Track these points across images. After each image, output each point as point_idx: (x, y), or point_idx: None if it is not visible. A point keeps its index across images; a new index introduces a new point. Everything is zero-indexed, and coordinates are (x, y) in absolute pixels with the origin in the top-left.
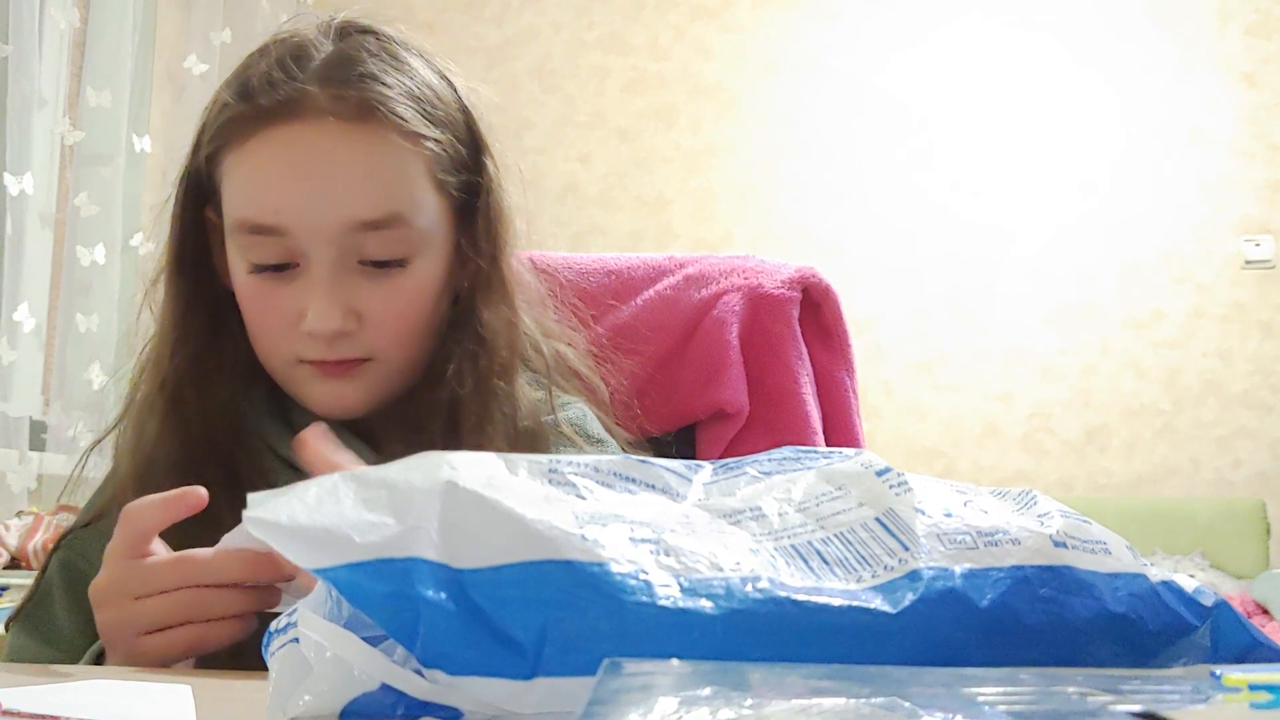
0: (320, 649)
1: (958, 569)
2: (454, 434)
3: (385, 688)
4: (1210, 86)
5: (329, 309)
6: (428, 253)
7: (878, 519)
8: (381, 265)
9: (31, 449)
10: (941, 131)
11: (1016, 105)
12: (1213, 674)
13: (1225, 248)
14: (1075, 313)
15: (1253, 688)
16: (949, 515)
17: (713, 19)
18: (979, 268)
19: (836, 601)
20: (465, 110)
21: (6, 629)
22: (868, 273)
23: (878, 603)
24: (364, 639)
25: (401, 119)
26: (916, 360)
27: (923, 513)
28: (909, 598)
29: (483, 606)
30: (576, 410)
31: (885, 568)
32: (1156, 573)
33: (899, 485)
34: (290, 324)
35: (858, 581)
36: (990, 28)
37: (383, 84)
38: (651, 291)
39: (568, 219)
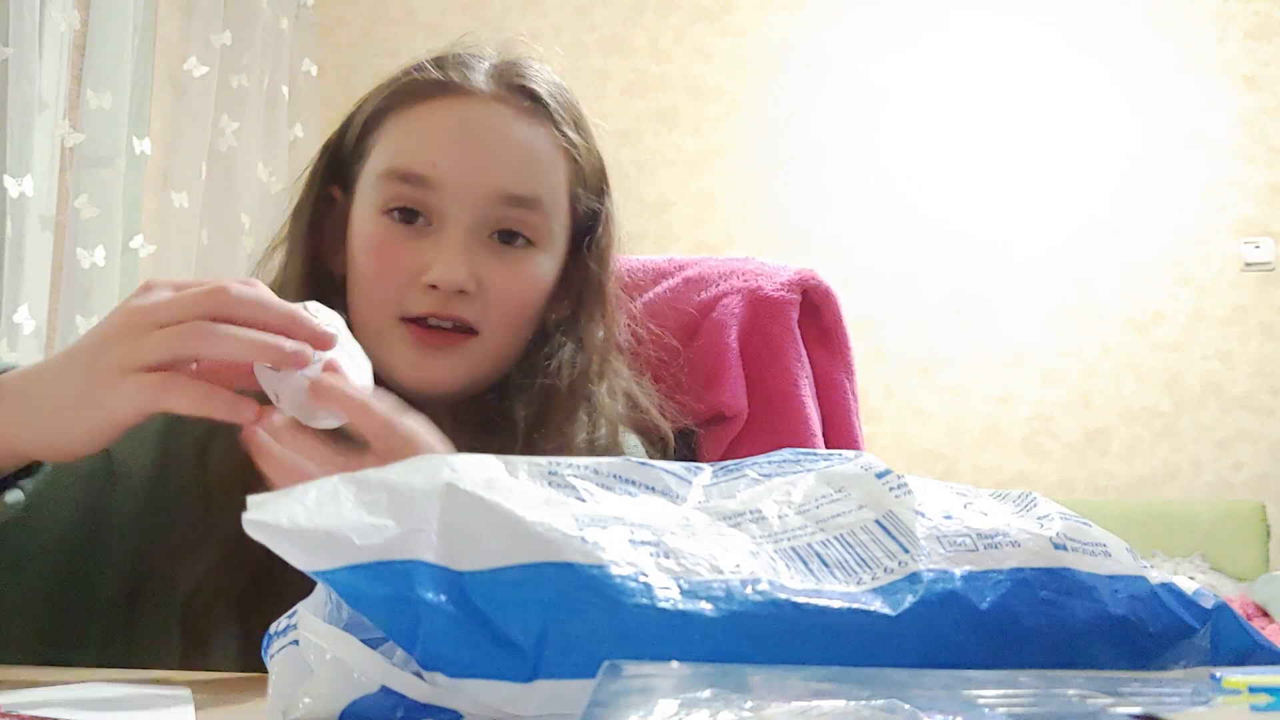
0: (320, 651)
1: (958, 571)
2: (541, 426)
3: (385, 690)
4: (1210, 89)
5: (458, 263)
6: (549, 249)
7: (877, 521)
8: (509, 242)
9: None
10: (942, 134)
11: (1017, 107)
12: (1213, 676)
13: (1225, 250)
14: (1075, 315)
15: (1253, 690)
16: (949, 518)
17: (713, 22)
18: (979, 270)
19: (836, 604)
20: (598, 151)
21: None
22: (868, 275)
23: (877, 605)
24: (364, 641)
25: (561, 122)
26: (917, 362)
27: (923, 515)
28: (909, 600)
29: (483, 609)
30: (634, 445)
31: (885, 570)
32: (1156, 575)
33: (899, 488)
34: (408, 278)
35: (858, 584)
36: (991, 30)
37: (549, 92)
38: (651, 294)
39: None
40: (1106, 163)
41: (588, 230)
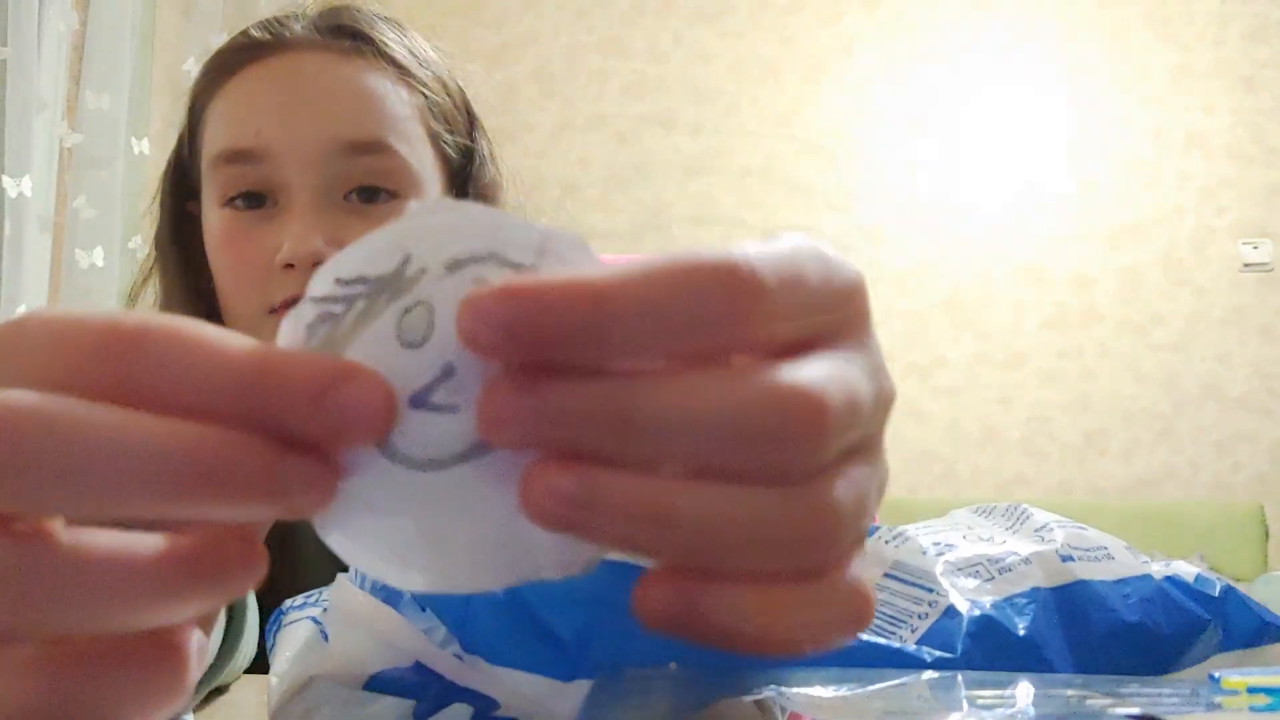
0: (349, 619)
1: (987, 600)
2: None
3: (419, 666)
4: (1209, 90)
5: (308, 233)
6: (418, 195)
7: (887, 574)
8: (369, 199)
9: None
10: (940, 135)
11: (1016, 109)
12: (1211, 676)
13: (1224, 251)
14: (1074, 316)
15: (1251, 691)
16: (953, 548)
17: (712, 23)
18: (978, 271)
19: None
20: (456, 82)
21: None
22: (867, 276)
23: (934, 652)
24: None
25: (393, 56)
26: (915, 363)
27: (927, 555)
28: (960, 636)
29: (529, 599)
30: None
31: (920, 616)
32: (1158, 568)
33: (894, 539)
34: (265, 264)
35: (900, 642)
36: (989, 32)
37: (377, 29)
38: None
39: (566, 222)
40: (1106, 164)
41: (465, 171)
